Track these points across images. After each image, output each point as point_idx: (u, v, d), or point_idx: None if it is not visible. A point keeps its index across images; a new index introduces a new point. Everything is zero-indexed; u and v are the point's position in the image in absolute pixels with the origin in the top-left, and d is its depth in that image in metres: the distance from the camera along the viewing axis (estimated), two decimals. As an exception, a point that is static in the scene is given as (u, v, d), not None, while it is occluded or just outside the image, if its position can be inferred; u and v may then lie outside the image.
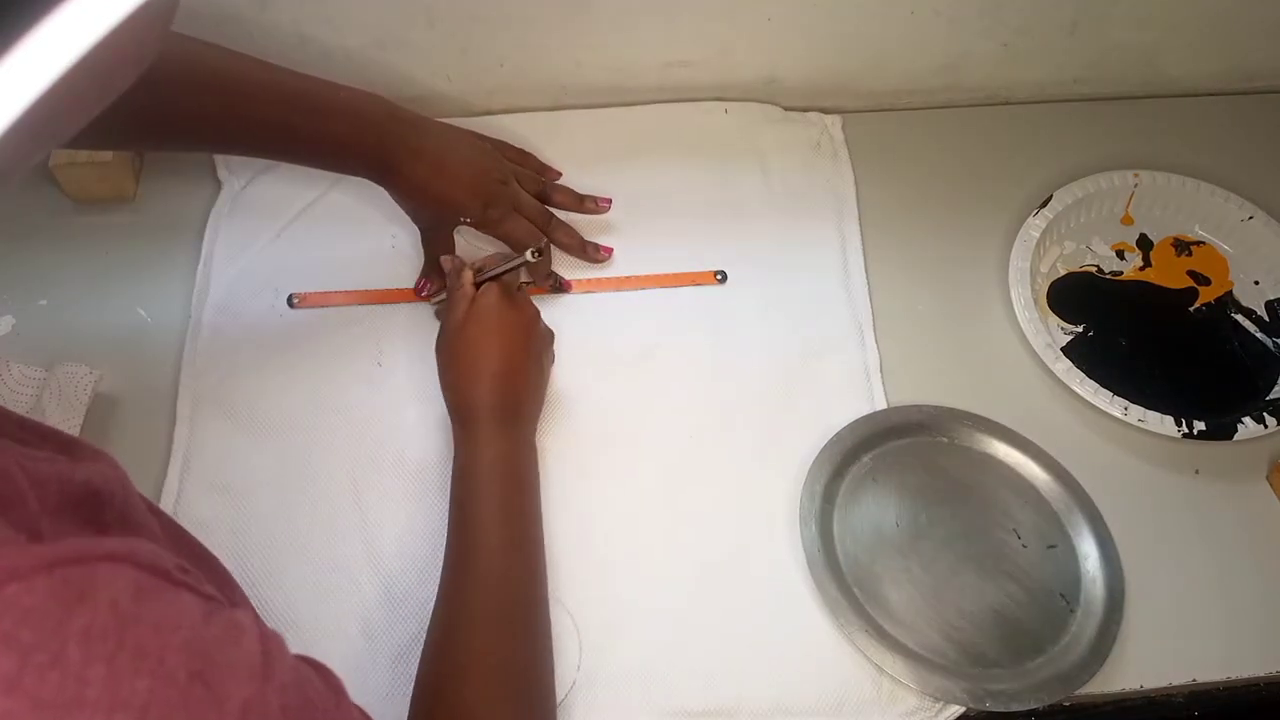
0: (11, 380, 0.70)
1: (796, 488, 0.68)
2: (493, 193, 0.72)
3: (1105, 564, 0.66)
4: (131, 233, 0.79)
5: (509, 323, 0.65)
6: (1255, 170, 0.84)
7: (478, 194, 0.71)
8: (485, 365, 0.64)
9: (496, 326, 0.65)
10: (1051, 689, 0.61)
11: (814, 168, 0.84)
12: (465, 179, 0.71)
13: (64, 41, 0.23)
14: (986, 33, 0.83)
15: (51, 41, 0.22)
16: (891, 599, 0.64)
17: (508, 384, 0.64)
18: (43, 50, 0.22)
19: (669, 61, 0.84)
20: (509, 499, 0.61)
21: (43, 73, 0.22)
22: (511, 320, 0.66)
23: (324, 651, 0.39)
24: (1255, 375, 0.76)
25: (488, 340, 0.64)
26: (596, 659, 0.62)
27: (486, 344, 0.64)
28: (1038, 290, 0.79)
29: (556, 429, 0.71)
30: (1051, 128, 0.88)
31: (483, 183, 0.72)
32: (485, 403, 0.63)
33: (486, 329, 0.65)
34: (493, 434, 0.62)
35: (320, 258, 0.78)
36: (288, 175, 0.82)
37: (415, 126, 0.70)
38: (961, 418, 0.72)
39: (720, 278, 0.78)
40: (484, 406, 0.63)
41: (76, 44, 0.23)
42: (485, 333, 0.64)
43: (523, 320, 0.67)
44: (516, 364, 0.65)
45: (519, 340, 0.66)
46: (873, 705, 0.61)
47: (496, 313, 0.65)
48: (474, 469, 0.61)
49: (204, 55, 0.65)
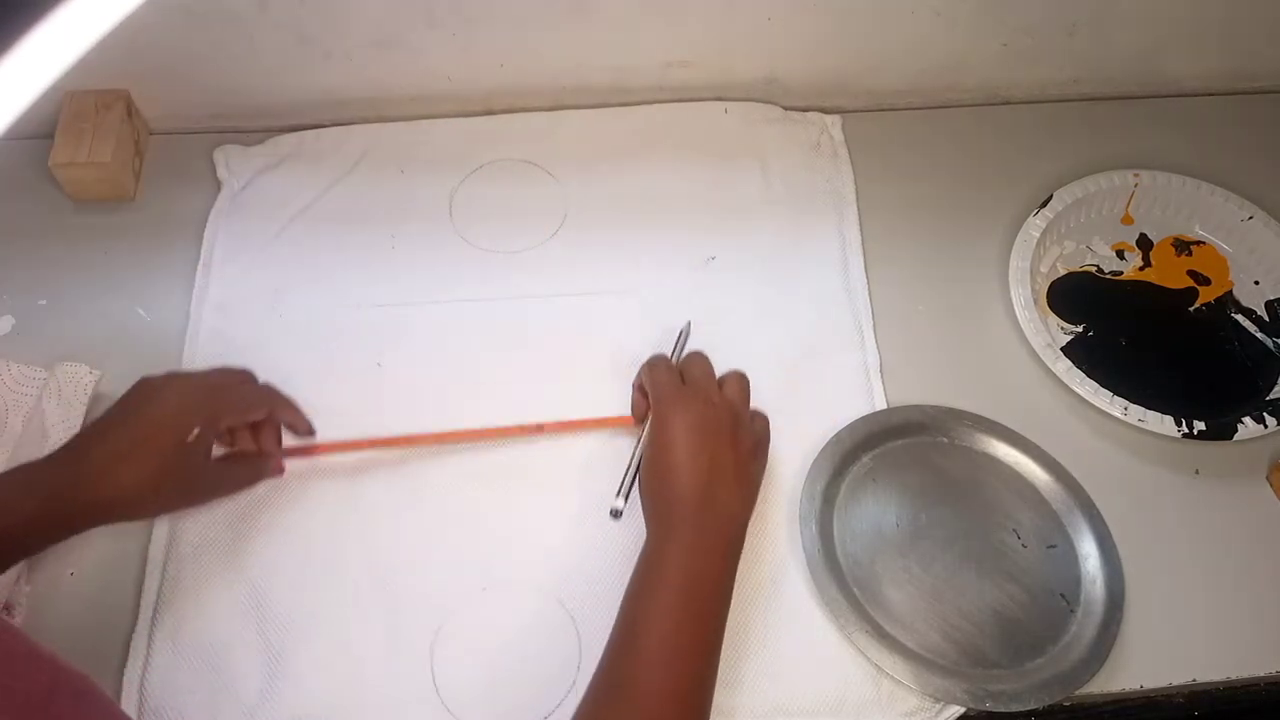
0: (11, 380, 0.70)
1: (796, 488, 0.68)
2: (206, 419, 0.59)
3: (1105, 564, 0.66)
4: (131, 233, 0.79)
5: (695, 414, 0.61)
6: (1255, 170, 0.84)
7: (183, 433, 0.58)
8: (672, 459, 0.60)
9: (683, 424, 0.61)
10: (1051, 689, 0.61)
11: (814, 168, 0.84)
12: (155, 435, 0.58)
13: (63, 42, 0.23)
14: (986, 33, 0.83)
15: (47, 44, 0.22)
16: (891, 599, 0.64)
17: (698, 476, 0.59)
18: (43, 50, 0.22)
19: (669, 61, 0.84)
20: (687, 603, 0.56)
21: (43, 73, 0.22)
22: (698, 409, 0.62)
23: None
24: (1255, 375, 0.76)
25: (681, 437, 0.60)
26: (596, 659, 0.62)
27: (679, 440, 0.60)
28: (1038, 290, 0.79)
29: (556, 429, 0.71)
30: (1051, 128, 0.88)
31: (178, 427, 0.58)
32: (671, 503, 0.59)
33: (674, 427, 0.61)
34: (678, 530, 0.58)
35: (320, 258, 0.78)
36: (288, 175, 0.82)
37: (63, 462, 0.57)
38: (961, 418, 0.72)
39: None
40: (671, 507, 0.59)
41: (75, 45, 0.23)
42: (673, 429, 0.61)
43: (707, 408, 0.62)
44: (703, 459, 0.60)
45: (705, 431, 0.61)
46: (873, 705, 0.61)
47: (673, 403, 0.62)
48: (653, 563, 0.58)
49: None
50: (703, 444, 0.60)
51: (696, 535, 0.58)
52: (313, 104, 0.84)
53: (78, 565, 0.65)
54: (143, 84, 0.81)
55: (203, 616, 0.63)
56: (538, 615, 0.64)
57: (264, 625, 0.63)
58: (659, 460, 0.61)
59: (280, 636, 0.62)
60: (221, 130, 0.84)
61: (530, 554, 0.66)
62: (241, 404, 0.63)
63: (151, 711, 0.59)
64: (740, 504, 0.61)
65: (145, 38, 0.76)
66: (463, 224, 0.80)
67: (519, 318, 0.76)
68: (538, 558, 0.66)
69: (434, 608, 0.64)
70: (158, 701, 0.60)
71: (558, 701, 0.61)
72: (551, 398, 0.72)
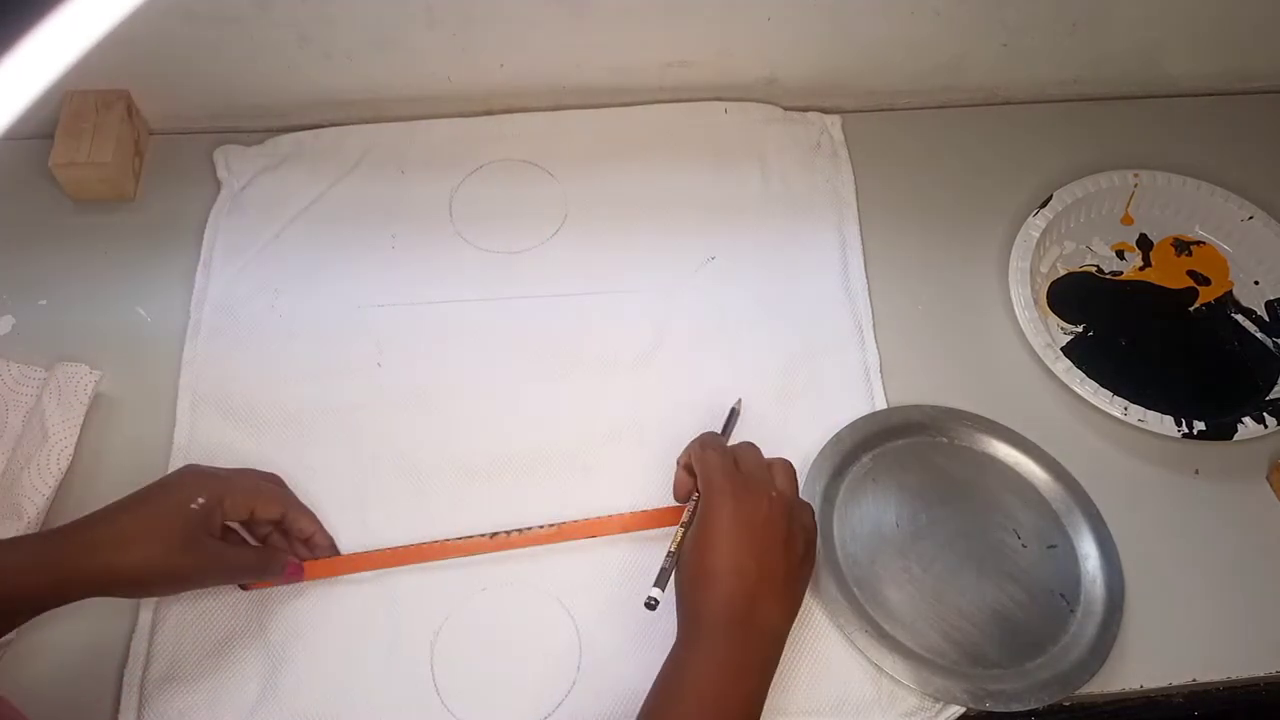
0: (11, 380, 0.70)
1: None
2: (212, 494, 0.58)
3: (1105, 564, 0.66)
4: (131, 233, 0.79)
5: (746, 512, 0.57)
6: (1255, 170, 0.84)
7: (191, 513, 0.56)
8: (715, 561, 0.55)
9: (734, 520, 0.56)
10: (1051, 689, 0.61)
11: (814, 168, 0.84)
12: (164, 518, 0.56)
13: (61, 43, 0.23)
14: (986, 33, 0.83)
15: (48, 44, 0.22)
16: (891, 599, 0.64)
17: (743, 584, 0.55)
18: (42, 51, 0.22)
19: (669, 61, 0.84)
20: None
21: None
22: (753, 504, 0.57)
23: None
24: (1255, 375, 0.76)
25: (729, 535, 0.56)
26: (596, 659, 0.62)
27: (726, 538, 0.56)
28: (1038, 290, 0.79)
29: (557, 428, 0.71)
30: (1051, 128, 0.88)
31: (186, 501, 0.56)
32: (707, 611, 0.55)
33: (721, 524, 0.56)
34: (711, 640, 0.54)
35: (320, 258, 0.78)
36: (288, 175, 0.82)
37: (69, 538, 0.55)
38: (961, 418, 0.72)
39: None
40: (706, 615, 0.55)
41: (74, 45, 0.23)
42: (721, 523, 0.56)
43: (760, 507, 0.57)
44: (749, 563, 0.55)
45: (754, 533, 0.56)
46: (873, 705, 0.61)
47: (726, 493, 0.57)
48: (679, 672, 0.54)
49: None
50: (752, 546, 0.55)
51: (730, 650, 0.54)
52: (313, 104, 0.84)
53: (78, 565, 0.65)
54: (143, 84, 0.81)
55: (203, 617, 0.63)
56: (538, 615, 0.64)
57: (264, 625, 0.63)
58: (701, 558, 0.56)
59: (280, 636, 0.62)
60: (221, 130, 0.84)
61: (530, 554, 0.66)
62: (254, 491, 0.61)
63: (151, 711, 0.59)
64: (783, 618, 0.57)
65: (145, 38, 0.76)
66: (463, 224, 0.80)
67: (519, 318, 0.76)
68: (538, 558, 0.66)
69: (434, 608, 0.64)
70: (158, 701, 0.60)
71: (557, 702, 0.61)
72: (551, 398, 0.72)
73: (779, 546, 0.56)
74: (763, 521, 0.56)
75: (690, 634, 0.55)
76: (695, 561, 0.56)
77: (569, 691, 0.61)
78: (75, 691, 0.60)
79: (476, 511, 0.67)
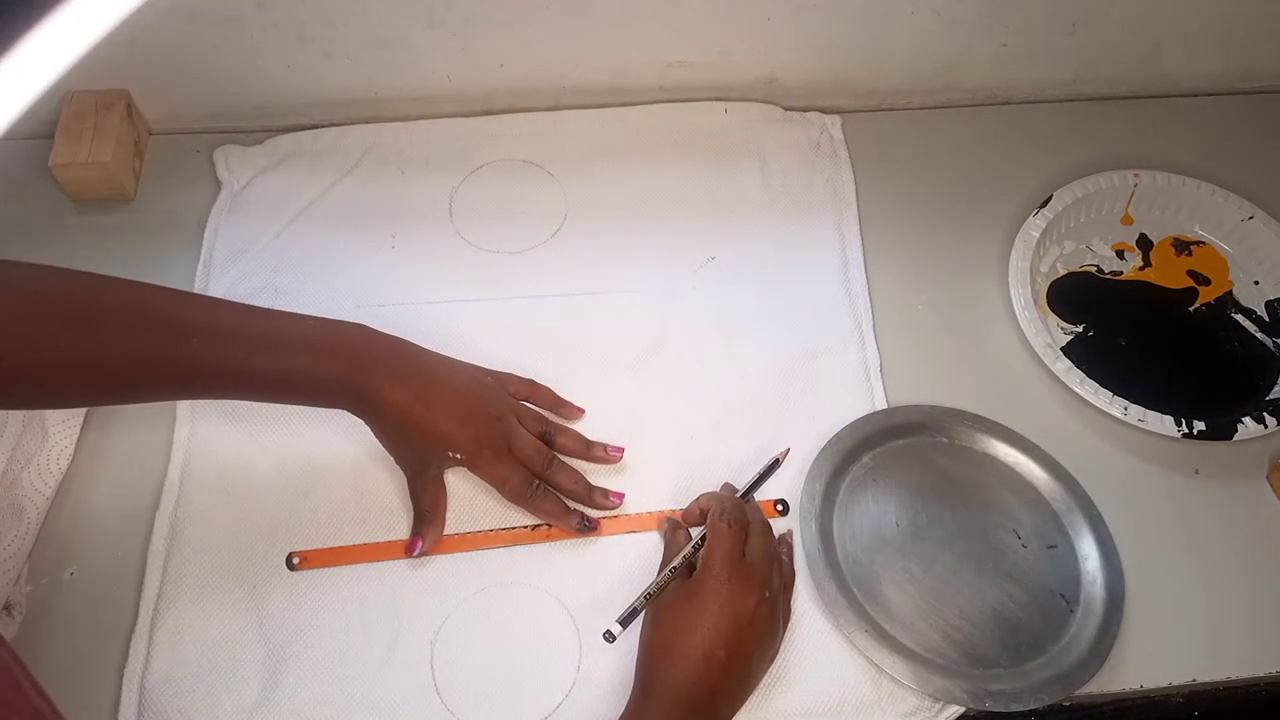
0: (11, 380, 0.70)
1: (797, 488, 0.68)
2: (486, 429, 0.63)
3: (1105, 564, 0.66)
4: (131, 233, 0.79)
5: (737, 602, 0.57)
6: (1255, 170, 0.84)
7: (468, 428, 0.62)
8: (689, 640, 0.56)
9: (721, 608, 0.56)
10: (1051, 689, 0.61)
11: (814, 168, 0.84)
12: (454, 411, 0.62)
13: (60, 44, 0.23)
14: (986, 33, 0.83)
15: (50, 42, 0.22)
16: (891, 599, 0.64)
17: (708, 673, 0.55)
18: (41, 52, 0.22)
19: (669, 61, 0.84)
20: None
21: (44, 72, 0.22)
22: (744, 601, 0.57)
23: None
24: (1255, 375, 0.76)
25: (711, 619, 0.56)
26: (596, 659, 0.62)
27: (707, 623, 0.56)
28: (1038, 290, 0.79)
29: (556, 429, 0.71)
30: (1051, 128, 0.88)
31: (475, 417, 0.63)
32: (668, 682, 0.55)
33: (703, 602, 0.57)
34: (658, 711, 0.55)
35: (320, 258, 0.78)
36: (288, 175, 0.82)
37: (397, 352, 0.62)
38: (961, 418, 0.72)
39: (780, 508, 0.69)
40: (665, 686, 0.55)
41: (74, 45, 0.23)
42: (709, 604, 0.56)
43: (749, 602, 0.57)
44: (720, 653, 0.55)
45: (737, 626, 0.56)
46: (873, 705, 0.61)
47: (724, 578, 0.57)
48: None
49: (150, 298, 0.58)
50: (730, 639, 0.55)
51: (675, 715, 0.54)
52: (312, 104, 0.84)
53: (78, 565, 0.65)
54: (143, 84, 0.81)
55: (203, 616, 0.63)
56: (538, 615, 0.64)
57: (264, 625, 0.63)
58: (675, 630, 0.57)
59: (280, 636, 0.62)
60: (221, 130, 0.84)
61: (530, 554, 0.66)
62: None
63: (151, 711, 0.59)
64: (733, 712, 0.58)
65: (145, 38, 0.77)
66: (463, 224, 0.80)
67: (519, 318, 0.76)
68: (538, 557, 0.66)
69: (434, 607, 0.64)
70: (158, 701, 0.60)
71: (557, 702, 0.61)
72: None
73: (755, 647, 0.58)
74: (748, 619, 0.57)
75: (640, 704, 0.56)
76: (669, 632, 0.57)
77: (569, 691, 0.61)
78: (75, 691, 0.60)
79: (477, 511, 0.67)
